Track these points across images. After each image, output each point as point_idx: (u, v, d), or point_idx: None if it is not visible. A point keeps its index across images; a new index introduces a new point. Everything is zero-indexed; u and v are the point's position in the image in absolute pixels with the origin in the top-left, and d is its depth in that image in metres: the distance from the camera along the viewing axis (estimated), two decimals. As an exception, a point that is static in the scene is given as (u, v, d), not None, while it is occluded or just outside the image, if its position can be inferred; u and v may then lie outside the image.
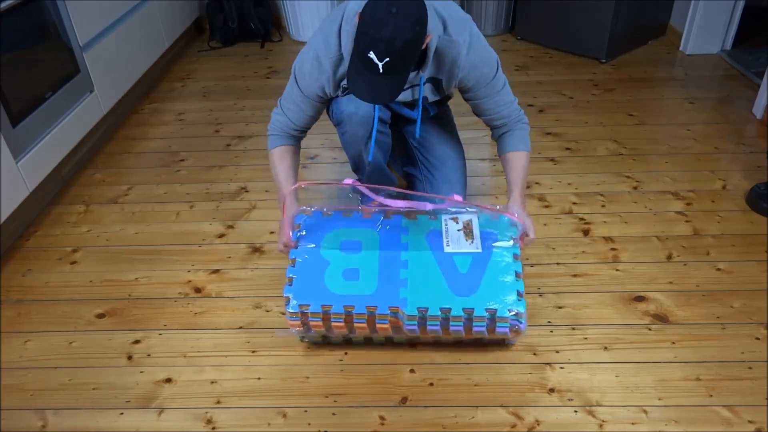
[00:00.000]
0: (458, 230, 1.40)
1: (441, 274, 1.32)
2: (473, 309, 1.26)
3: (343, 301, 1.29)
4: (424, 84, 1.45)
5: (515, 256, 1.34)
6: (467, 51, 1.38)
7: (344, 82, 1.41)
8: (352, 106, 1.47)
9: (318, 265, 1.35)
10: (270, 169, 1.53)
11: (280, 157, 1.51)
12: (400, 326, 1.29)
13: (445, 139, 1.72)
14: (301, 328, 1.32)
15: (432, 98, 1.54)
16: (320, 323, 1.29)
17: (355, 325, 1.29)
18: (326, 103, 1.52)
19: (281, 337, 1.45)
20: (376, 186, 1.55)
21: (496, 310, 1.26)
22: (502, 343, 1.38)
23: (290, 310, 1.29)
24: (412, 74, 1.37)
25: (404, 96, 1.50)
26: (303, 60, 1.42)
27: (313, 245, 1.39)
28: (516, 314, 1.26)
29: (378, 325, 1.29)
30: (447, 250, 1.36)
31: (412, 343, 1.40)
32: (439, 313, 1.26)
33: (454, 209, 1.44)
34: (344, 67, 1.36)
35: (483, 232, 1.39)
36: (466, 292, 1.29)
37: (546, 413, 1.25)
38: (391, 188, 1.55)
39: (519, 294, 1.28)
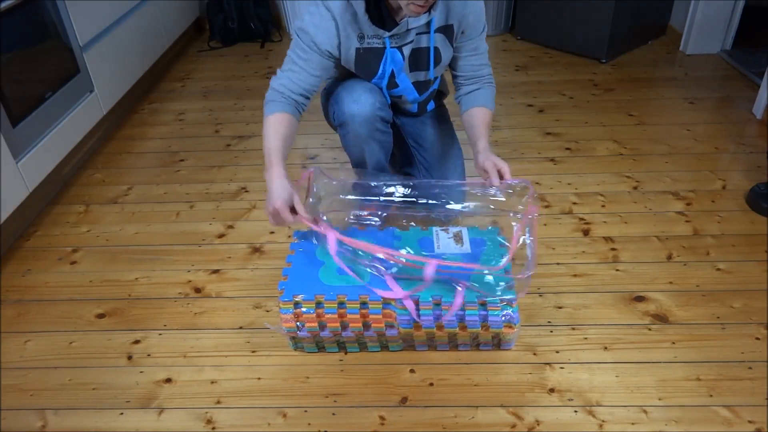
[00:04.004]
0: (449, 238, 1.45)
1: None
2: (464, 296, 1.28)
3: (336, 291, 1.31)
4: (435, 32, 1.45)
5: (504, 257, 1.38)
6: None
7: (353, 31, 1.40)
8: (354, 107, 1.47)
9: (313, 264, 1.39)
10: (262, 138, 1.38)
11: (276, 123, 1.37)
12: (393, 318, 1.30)
13: (442, 140, 1.71)
14: (294, 325, 1.32)
15: (445, 54, 1.51)
16: (313, 316, 1.30)
17: (349, 317, 1.30)
18: (331, 65, 1.46)
19: (275, 331, 1.44)
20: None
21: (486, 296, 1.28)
22: (500, 347, 1.38)
23: (283, 300, 1.31)
24: (424, 16, 1.38)
25: (417, 42, 1.47)
26: (303, 15, 1.41)
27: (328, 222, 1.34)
28: (507, 302, 1.28)
29: (371, 316, 1.30)
30: (437, 251, 1.41)
31: (411, 344, 1.40)
32: (430, 300, 1.28)
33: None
34: (350, 10, 1.36)
35: (473, 240, 1.43)
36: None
37: (546, 413, 1.25)
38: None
39: (509, 286, 1.30)
